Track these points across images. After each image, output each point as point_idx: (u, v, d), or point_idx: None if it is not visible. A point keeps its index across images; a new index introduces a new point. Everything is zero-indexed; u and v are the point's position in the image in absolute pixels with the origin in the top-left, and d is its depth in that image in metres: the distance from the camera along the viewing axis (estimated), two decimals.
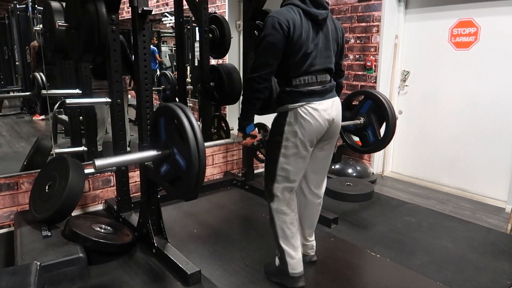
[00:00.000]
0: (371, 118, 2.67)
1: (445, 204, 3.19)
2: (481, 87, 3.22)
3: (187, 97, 4.48)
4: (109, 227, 2.34)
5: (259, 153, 3.62)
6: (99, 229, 2.28)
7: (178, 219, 2.83)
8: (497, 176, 3.20)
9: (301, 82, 1.82)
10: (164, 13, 5.53)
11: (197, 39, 3.83)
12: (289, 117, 1.82)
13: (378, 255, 2.35)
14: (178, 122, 1.71)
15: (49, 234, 2.17)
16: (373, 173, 3.85)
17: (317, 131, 1.84)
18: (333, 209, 2.92)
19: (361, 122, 2.70)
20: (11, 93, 4.39)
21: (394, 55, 3.71)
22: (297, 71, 1.81)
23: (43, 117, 4.29)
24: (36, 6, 3.62)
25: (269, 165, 1.95)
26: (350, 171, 3.72)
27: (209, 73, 3.32)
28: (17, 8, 3.82)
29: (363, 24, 3.74)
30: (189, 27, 4.76)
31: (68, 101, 2.52)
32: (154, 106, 2.37)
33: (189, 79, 4.86)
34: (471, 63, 3.26)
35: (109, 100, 2.49)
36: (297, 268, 1.96)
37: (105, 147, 3.77)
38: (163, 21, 5.77)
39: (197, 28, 3.78)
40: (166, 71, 4.83)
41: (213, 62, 4.18)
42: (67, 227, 2.16)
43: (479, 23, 3.17)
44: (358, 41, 3.82)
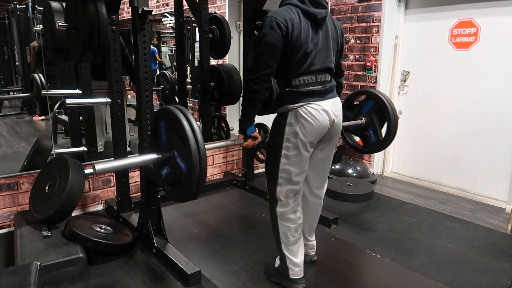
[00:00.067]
0: (372, 118, 2.65)
1: (445, 204, 3.19)
2: (481, 87, 3.23)
3: (187, 97, 4.48)
4: (109, 227, 2.34)
5: (259, 153, 3.62)
6: (99, 229, 2.28)
7: (178, 219, 2.83)
8: (497, 176, 3.20)
9: (301, 82, 1.79)
10: (164, 13, 5.54)
11: (197, 39, 3.84)
12: (289, 118, 1.80)
13: (378, 255, 2.35)
14: (178, 125, 1.71)
15: (49, 234, 2.16)
16: (373, 173, 3.85)
17: (318, 131, 1.81)
18: (333, 209, 2.92)
19: (363, 122, 2.68)
20: (11, 94, 4.40)
21: (394, 55, 3.71)
22: (296, 71, 1.79)
23: (43, 117, 4.29)
24: (36, 6, 3.62)
25: (270, 167, 1.91)
26: (350, 171, 3.72)
27: (209, 73, 3.32)
28: (17, 8, 3.82)
29: (363, 24, 3.74)
30: (189, 27, 4.76)
31: (68, 101, 2.53)
32: (154, 106, 2.38)
33: (189, 79, 4.86)
34: (471, 63, 3.26)
35: (109, 100, 2.50)
36: (298, 274, 1.94)
37: (105, 147, 3.76)
38: (163, 21, 5.77)
39: (197, 29, 3.79)
40: (165, 71, 4.83)
41: (213, 62, 4.19)
42: (67, 227, 2.16)
43: (479, 23, 3.17)
44: (358, 41, 3.82)
